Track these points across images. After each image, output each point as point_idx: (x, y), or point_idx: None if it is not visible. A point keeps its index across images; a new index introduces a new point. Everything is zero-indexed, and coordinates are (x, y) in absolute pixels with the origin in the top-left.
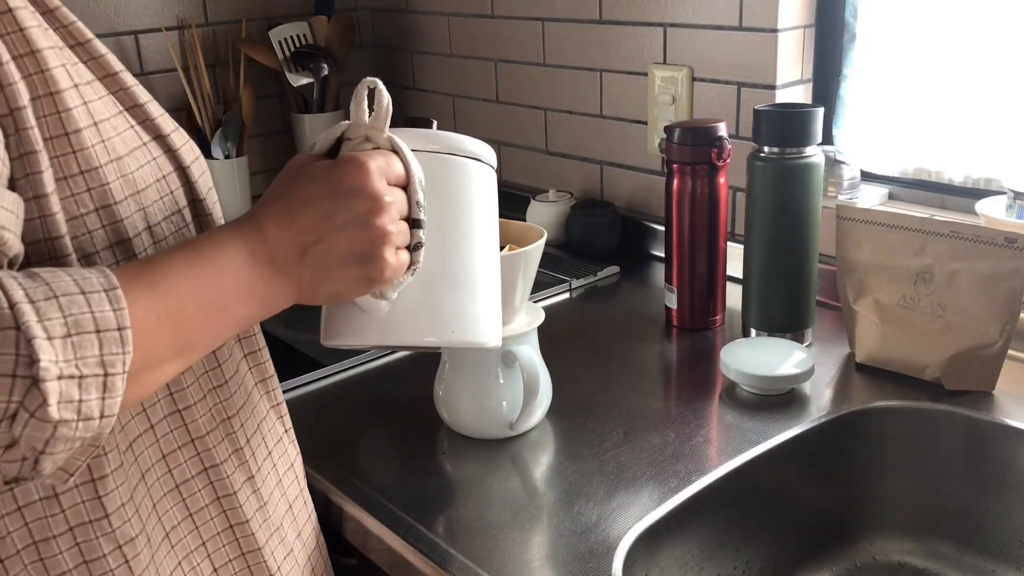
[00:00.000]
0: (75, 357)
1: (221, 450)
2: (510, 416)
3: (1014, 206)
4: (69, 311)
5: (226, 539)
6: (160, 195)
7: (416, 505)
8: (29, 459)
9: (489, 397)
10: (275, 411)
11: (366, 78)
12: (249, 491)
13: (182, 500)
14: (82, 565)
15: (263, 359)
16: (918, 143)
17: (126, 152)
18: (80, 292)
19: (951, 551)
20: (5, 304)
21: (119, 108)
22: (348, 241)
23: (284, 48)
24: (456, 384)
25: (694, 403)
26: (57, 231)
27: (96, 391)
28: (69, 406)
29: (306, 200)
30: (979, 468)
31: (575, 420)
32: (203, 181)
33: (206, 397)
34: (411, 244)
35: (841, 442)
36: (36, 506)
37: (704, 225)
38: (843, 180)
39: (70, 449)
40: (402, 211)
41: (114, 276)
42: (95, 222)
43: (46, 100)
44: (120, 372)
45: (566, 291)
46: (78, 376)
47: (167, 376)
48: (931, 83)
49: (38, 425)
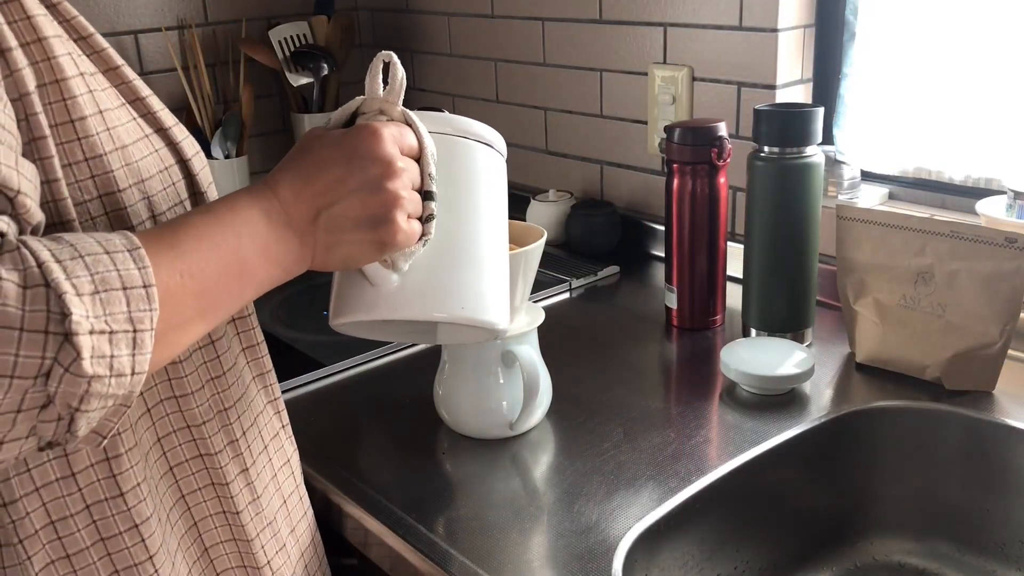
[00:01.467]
0: (104, 313)
1: (216, 440)
2: (510, 416)
3: (1014, 206)
4: (95, 269)
5: (218, 522)
6: (163, 186)
7: (416, 505)
8: (64, 418)
9: (489, 397)
10: (272, 406)
11: (381, 52)
12: (243, 483)
13: (175, 482)
14: (99, 543)
15: (261, 354)
16: (918, 143)
17: (130, 142)
18: (104, 252)
19: (951, 551)
20: (33, 263)
21: (121, 100)
22: (361, 205)
23: (284, 48)
24: (456, 384)
25: (694, 403)
26: (68, 214)
27: (127, 347)
28: (102, 361)
29: (320, 165)
30: (979, 468)
31: (575, 420)
32: (203, 175)
33: (204, 387)
34: (423, 216)
35: (841, 442)
36: (53, 486)
37: (704, 225)
38: (843, 180)
39: (103, 408)
40: (415, 181)
41: (136, 237)
42: (98, 209)
43: (52, 87)
44: (148, 328)
45: (566, 291)
46: (108, 332)
47: (192, 337)
48: (931, 83)
49: (72, 380)
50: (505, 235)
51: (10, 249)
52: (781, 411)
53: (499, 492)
